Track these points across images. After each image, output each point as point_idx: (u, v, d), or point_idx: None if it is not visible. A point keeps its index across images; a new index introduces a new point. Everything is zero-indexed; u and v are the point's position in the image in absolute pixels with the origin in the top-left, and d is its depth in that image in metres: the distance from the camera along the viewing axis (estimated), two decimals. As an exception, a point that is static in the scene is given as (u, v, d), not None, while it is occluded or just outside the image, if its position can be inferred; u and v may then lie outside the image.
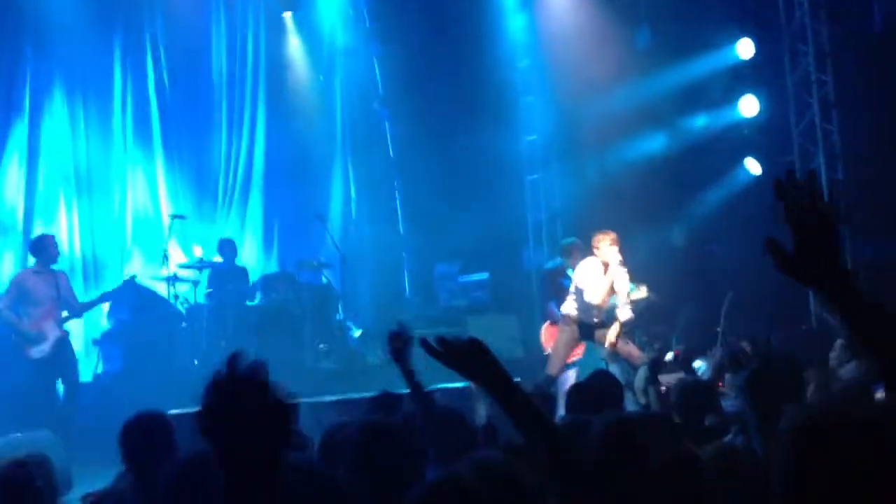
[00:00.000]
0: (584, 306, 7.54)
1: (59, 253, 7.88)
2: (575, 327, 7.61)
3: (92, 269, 9.52)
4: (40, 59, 9.33)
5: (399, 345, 3.71)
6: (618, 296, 7.54)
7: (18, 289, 7.66)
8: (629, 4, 10.08)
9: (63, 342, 7.68)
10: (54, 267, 7.85)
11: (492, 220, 10.51)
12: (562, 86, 10.55)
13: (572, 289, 7.71)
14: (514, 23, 11.36)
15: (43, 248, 7.79)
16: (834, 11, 9.37)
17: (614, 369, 5.84)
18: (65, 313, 7.72)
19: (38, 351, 7.52)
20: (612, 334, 7.43)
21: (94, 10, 9.45)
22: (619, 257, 7.39)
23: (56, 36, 9.22)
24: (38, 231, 8.63)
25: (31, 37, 9.17)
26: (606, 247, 7.38)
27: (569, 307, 7.69)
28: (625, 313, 7.49)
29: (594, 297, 7.44)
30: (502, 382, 2.03)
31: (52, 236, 8.09)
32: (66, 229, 9.39)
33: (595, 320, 7.54)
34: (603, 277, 7.44)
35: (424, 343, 2.01)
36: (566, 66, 10.46)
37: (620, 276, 7.47)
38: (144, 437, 3.37)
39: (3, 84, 9.05)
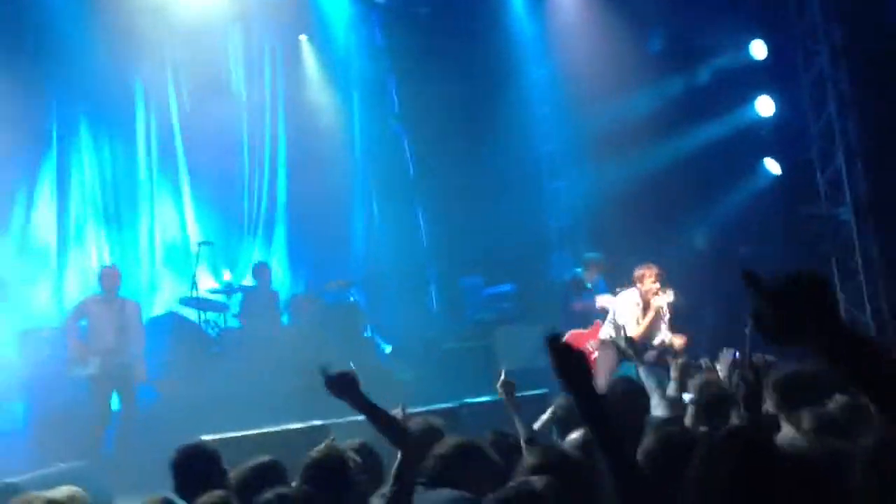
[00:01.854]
0: (625, 338, 7.55)
1: (116, 283, 8.07)
2: (614, 353, 7.63)
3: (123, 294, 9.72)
4: (64, 93, 9.57)
5: (509, 389, 3.91)
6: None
7: (79, 313, 7.96)
8: (641, 8, 10.14)
9: (113, 367, 7.82)
10: (123, 296, 8.07)
11: (514, 231, 10.59)
12: (577, 93, 10.63)
13: (612, 317, 7.72)
14: (527, 33, 11.46)
15: (101, 277, 8.09)
16: (845, 8, 9.39)
17: (649, 381, 5.86)
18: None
19: (81, 373, 7.76)
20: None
21: (116, 42, 9.66)
22: (661, 302, 7.34)
23: (79, 69, 9.44)
24: (71, 261, 8.90)
25: (55, 71, 9.40)
26: (649, 284, 7.38)
27: (607, 333, 7.71)
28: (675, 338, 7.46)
29: (634, 332, 7.45)
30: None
31: (113, 266, 8.37)
32: (96, 258, 9.61)
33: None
34: (642, 317, 7.43)
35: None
36: (581, 74, 10.53)
37: (659, 325, 7.45)
38: (196, 467, 3.48)
39: (32, 119, 9.29)
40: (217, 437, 5.48)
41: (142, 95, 10.26)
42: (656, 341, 7.47)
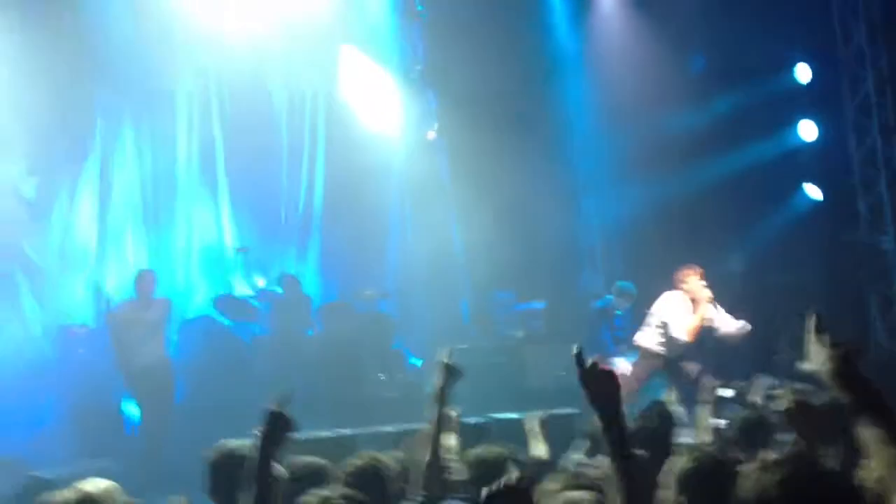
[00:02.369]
0: (669, 340, 7.50)
1: (151, 288, 8.16)
2: (656, 361, 7.58)
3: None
4: (109, 94, 9.72)
5: (451, 374, 3.73)
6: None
7: (115, 320, 8.01)
8: (684, 27, 10.08)
9: (154, 370, 7.91)
10: (155, 297, 8.18)
11: (548, 247, 10.54)
12: (617, 110, 10.58)
13: (655, 322, 7.67)
14: (569, 48, 11.44)
15: (136, 281, 8.19)
16: (891, 35, 9.26)
17: (676, 409, 5.80)
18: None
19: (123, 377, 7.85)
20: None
21: (160, 45, 9.80)
22: (710, 293, 7.36)
23: (124, 71, 9.59)
24: (109, 260, 9.03)
25: (101, 71, 9.55)
26: (696, 282, 7.38)
27: (648, 340, 7.65)
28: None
29: (682, 332, 7.41)
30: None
31: (149, 271, 8.45)
32: (133, 259, 9.74)
33: (678, 354, 7.51)
34: (692, 313, 7.41)
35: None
36: (621, 91, 10.49)
37: (712, 313, 7.45)
38: (233, 470, 3.47)
39: (77, 117, 9.45)
40: (245, 441, 5.49)
41: (185, 99, 10.40)
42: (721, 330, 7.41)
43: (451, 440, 3.89)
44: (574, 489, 2.94)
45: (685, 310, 7.44)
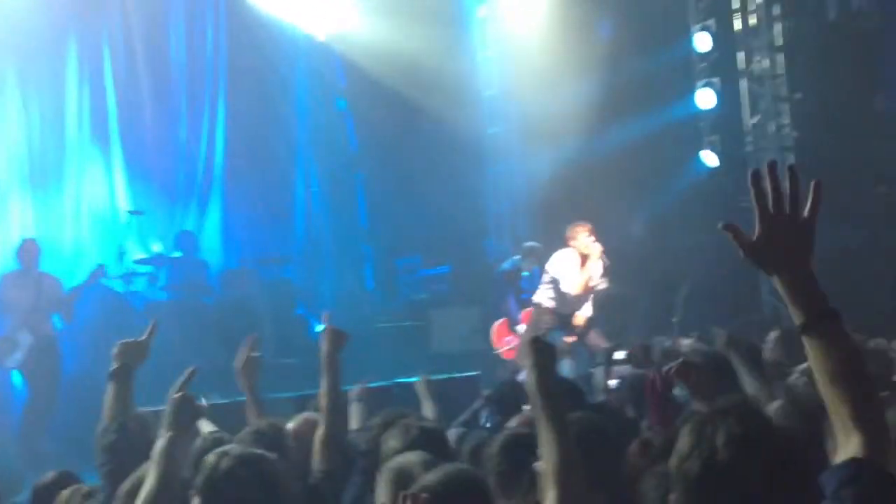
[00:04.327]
0: (560, 296, 7.66)
1: (36, 257, 7.77)
2: (549, 317, 7.72)
3: (46, 266, 9.38)
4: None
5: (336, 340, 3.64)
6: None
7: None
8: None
9: (40, 350, 7.57)
10: (42, 271, 7.75)
11: (454, 213, 10.54)
12: (523, 76, 10.60)
13: (547, 279, 7.83)
14: (476, 15, 11.38)
15: (20, 252, 7.77)
16: (788, 4, 9.54)
17: (566, 364, 5.93)
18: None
19: (12, 360, 7.47)
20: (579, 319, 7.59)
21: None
22: (600, 248, 7.53)
23: (10, 23, 9.04)
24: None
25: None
26: (585, 238, 7.53)
27: (542, 297, 7.80)
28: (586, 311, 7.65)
29: (572, 287, 7.58)
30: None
31: (32, 241, 8.00)
32: (19, 225, 9.23)
33: (571, 310, 7.69)
34: (581, 269, 7.57)
35: None
36: (528, 56, 10.51)
37: (597, 268, 7.63)
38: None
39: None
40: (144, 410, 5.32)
41: (75, 55, 9.86)
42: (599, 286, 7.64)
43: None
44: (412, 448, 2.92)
45: (575, 266, 7.60)
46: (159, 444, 2.76)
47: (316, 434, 3.47)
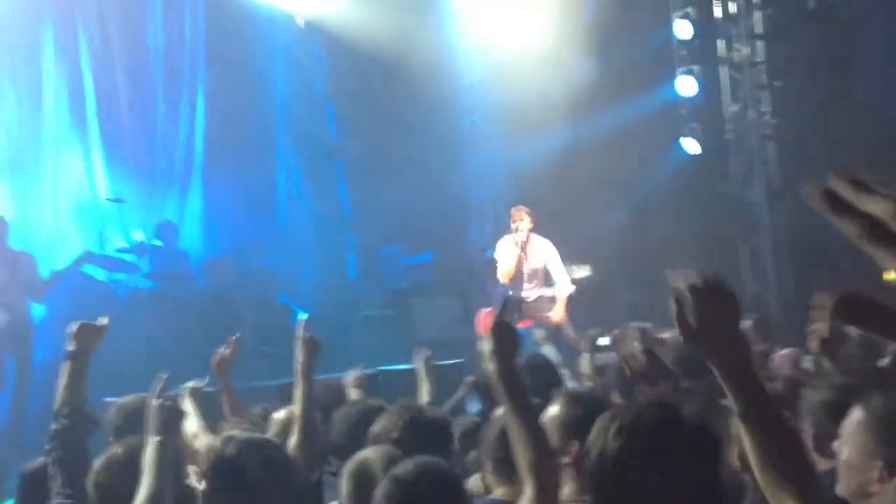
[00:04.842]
0: (496, 283, 7.74)
1: (5, 235, 7.68)
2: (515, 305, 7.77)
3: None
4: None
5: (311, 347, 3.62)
6: (551, 273, 7.72)
7: None
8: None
9: (16, 329, 7.47)
10: (15, 249, 7.64)
11: (436, 201, 10.52)
12: (504, 64, 10.57)
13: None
14: (456, 2, 11.34)
15: None
16: (766, -7, 9.60)
17: (548, 350, 5.96)
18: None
19: None
20: (557, 312, 7.59)
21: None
22: (524, 235, 7.54)
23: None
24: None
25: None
26: (522, 224, 7.59)
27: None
28: (564, 289, 7.64)
29: (501, 275, 7.63)
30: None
31: (1, 218, 7.91)
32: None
33: (523, 296, 7.71)
34: (509, 256, 7.62)
35: None
36: (508, 44, 10.48)
37: (550, 253, 7.65)
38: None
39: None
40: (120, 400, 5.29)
41: (51, 39, 9.72)
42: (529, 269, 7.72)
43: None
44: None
45: (511, 252, 7.67)
46: (149, 451, 2.75)
47: (291, 440, 3.45)
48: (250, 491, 2.64)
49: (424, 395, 4.75)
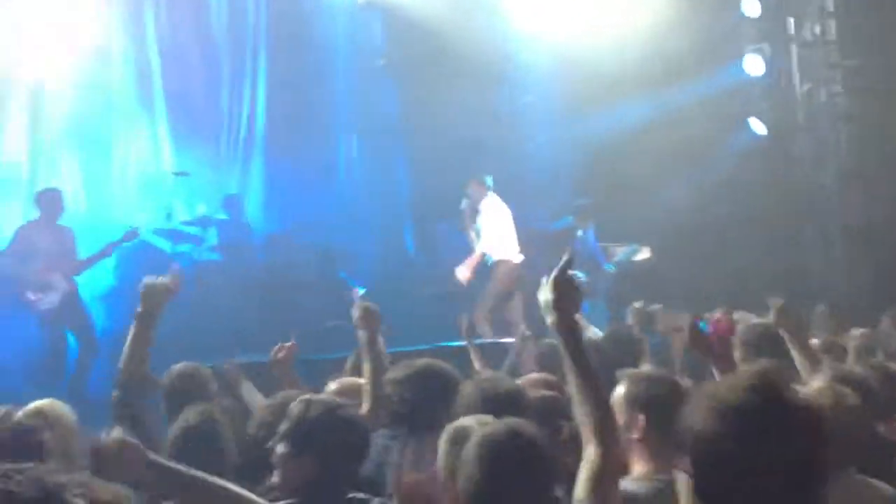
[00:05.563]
0: None
1: (63, 208, 7.88)
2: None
3: (94, 226, 9.53)
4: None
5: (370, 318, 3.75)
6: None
7: (22, 242, 7.62)
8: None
9: (73, 296, 7.67)
10: (60, 223, 7.86)
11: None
12: (566, 45, 10.44)
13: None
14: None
15: (47, 202, 7.79)
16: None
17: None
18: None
19: (47, 302, 7.50)
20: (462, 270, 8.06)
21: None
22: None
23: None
24: (41, 184, 8.63)
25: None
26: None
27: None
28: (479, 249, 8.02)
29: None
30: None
31: (59, 191, 8.10)
32: (68, 186, 9.37)
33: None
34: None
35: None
36: (571, 25, 10.34)
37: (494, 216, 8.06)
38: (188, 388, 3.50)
39: (6, 43, 8.97)
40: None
41: (119, 20, 9.93)
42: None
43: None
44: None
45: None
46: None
47: (363, 406, 3.51)
48: (332, 452, 2.71)
49: (477, 365, 4.84)
